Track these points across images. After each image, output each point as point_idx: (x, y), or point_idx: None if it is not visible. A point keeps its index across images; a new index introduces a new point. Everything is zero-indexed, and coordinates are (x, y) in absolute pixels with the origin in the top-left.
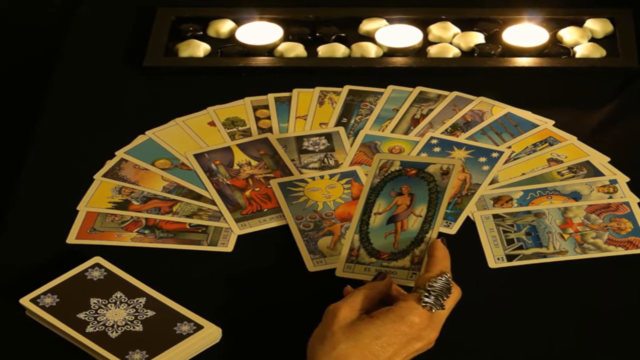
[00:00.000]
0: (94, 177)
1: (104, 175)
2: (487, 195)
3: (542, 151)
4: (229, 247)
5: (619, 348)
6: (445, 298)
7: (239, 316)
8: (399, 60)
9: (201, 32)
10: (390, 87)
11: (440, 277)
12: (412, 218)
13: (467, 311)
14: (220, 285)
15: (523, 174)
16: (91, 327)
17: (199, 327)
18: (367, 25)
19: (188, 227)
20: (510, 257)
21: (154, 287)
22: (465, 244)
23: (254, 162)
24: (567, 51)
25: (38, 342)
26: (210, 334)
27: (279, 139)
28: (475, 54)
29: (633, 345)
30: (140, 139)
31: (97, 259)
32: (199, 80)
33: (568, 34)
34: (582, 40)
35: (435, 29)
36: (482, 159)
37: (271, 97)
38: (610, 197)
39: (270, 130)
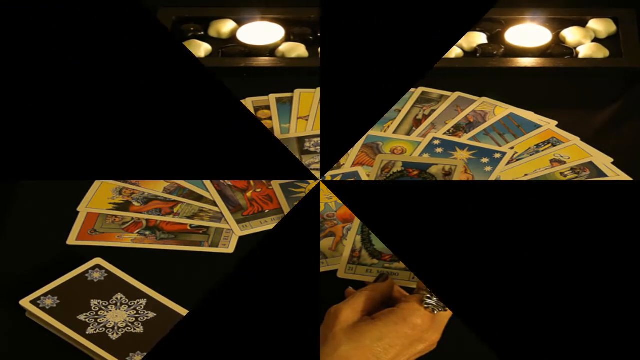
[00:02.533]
0: None
1: None
2: None
3: (545, 152)
4: (230, 249)
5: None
6: None
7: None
8: None
9: (202, 33)
10: None
11: None
12: None
13: None
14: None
15: (526, 174)
16: (91, 328)
17: None
18: None
19: (189, 228)
20: None
21: (154, 289)
22: None
23: None
24: (570, 51)
25: (38, 343)
26: None
27: (281, 140)
28: (478, 55)
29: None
30: None
31: (98, 261)
32: None
33: (571, 34)
34: (585, 40)
35: None
36: (485, 160)
37: (272, 97)
38: None
39: (271, 130)
